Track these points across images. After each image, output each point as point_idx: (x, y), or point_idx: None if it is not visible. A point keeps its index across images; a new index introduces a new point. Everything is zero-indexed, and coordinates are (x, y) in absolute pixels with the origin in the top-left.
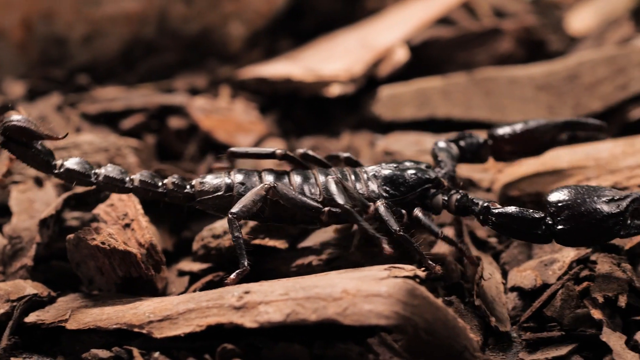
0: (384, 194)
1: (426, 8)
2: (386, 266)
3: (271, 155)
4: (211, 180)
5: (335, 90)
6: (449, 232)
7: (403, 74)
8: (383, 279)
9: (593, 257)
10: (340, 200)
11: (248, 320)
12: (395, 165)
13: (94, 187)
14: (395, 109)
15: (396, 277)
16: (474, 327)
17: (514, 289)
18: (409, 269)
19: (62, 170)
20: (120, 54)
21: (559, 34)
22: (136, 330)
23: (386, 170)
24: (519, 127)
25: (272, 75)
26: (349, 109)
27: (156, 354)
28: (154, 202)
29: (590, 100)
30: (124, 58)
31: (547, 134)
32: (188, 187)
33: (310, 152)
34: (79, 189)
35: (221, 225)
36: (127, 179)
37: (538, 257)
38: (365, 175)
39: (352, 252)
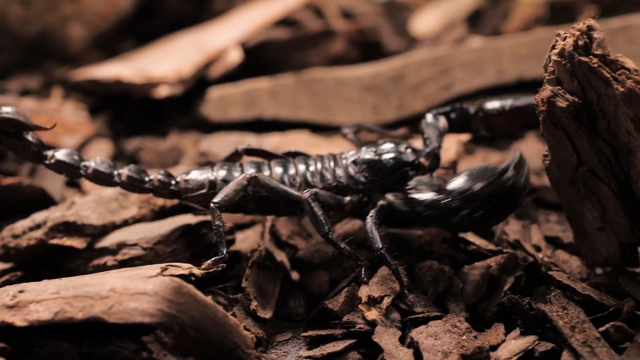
0: (362, 179)
1: (267, 10)
2: (163, 265)
3: (236, 154)
4: (195, 177)
5: (163, 92)
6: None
7: (237, 75)
8: (151, 277)
9: None
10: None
11: (19, 319)
12: (374, 150)
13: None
14: (223, 110)
15: (171, 275)
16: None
17: (306, 288)
18: (185, 268)
19: (52, 161)
20: None
21: (403, 36)
22: None
23: (366, 155)
24: (508, 103)
25: (104, 77)
26: (181, 110)
27: None
28: None
29: (414, 100)
30: None
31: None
32: (173, 183)
33: (293, 149)
34: None
35: (21, 225)
36: (115, 172)
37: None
38: (344, 162)
39: None
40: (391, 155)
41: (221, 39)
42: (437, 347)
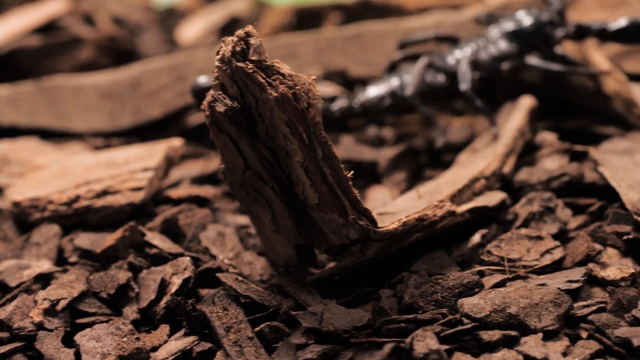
0: (514, 50)
1: (27, 17)
2: None
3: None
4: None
5: None
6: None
7: None
8: None
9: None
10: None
11: None
12: (513, 17)
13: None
14: None
15: None
16: None
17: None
18: None
19: None
20: None
21: (170, 43)
22: None
23: (509, 26)
24: None
25: None
26: None
27: None
28: None
29: (150, 107)
30: None
31: None
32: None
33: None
34: None
35: None
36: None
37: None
38: (493, 37)
39: None
40: (533, 17)
41: None
42: (97, 349)
